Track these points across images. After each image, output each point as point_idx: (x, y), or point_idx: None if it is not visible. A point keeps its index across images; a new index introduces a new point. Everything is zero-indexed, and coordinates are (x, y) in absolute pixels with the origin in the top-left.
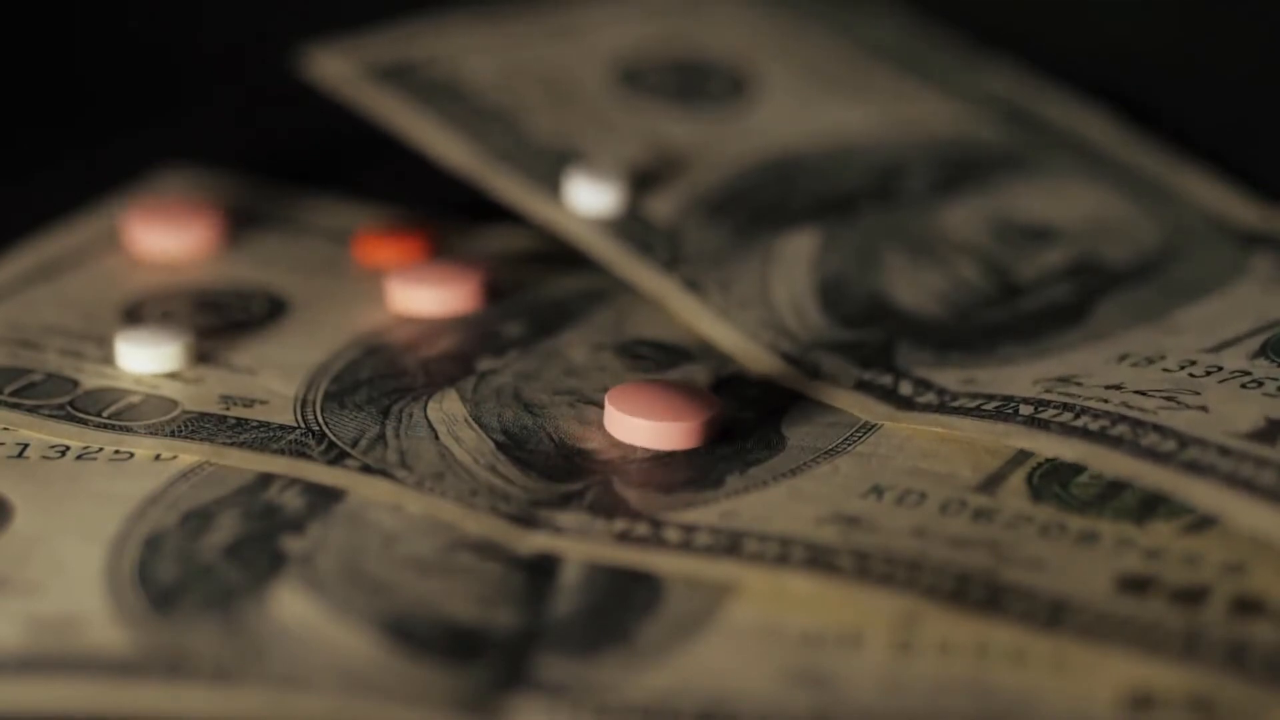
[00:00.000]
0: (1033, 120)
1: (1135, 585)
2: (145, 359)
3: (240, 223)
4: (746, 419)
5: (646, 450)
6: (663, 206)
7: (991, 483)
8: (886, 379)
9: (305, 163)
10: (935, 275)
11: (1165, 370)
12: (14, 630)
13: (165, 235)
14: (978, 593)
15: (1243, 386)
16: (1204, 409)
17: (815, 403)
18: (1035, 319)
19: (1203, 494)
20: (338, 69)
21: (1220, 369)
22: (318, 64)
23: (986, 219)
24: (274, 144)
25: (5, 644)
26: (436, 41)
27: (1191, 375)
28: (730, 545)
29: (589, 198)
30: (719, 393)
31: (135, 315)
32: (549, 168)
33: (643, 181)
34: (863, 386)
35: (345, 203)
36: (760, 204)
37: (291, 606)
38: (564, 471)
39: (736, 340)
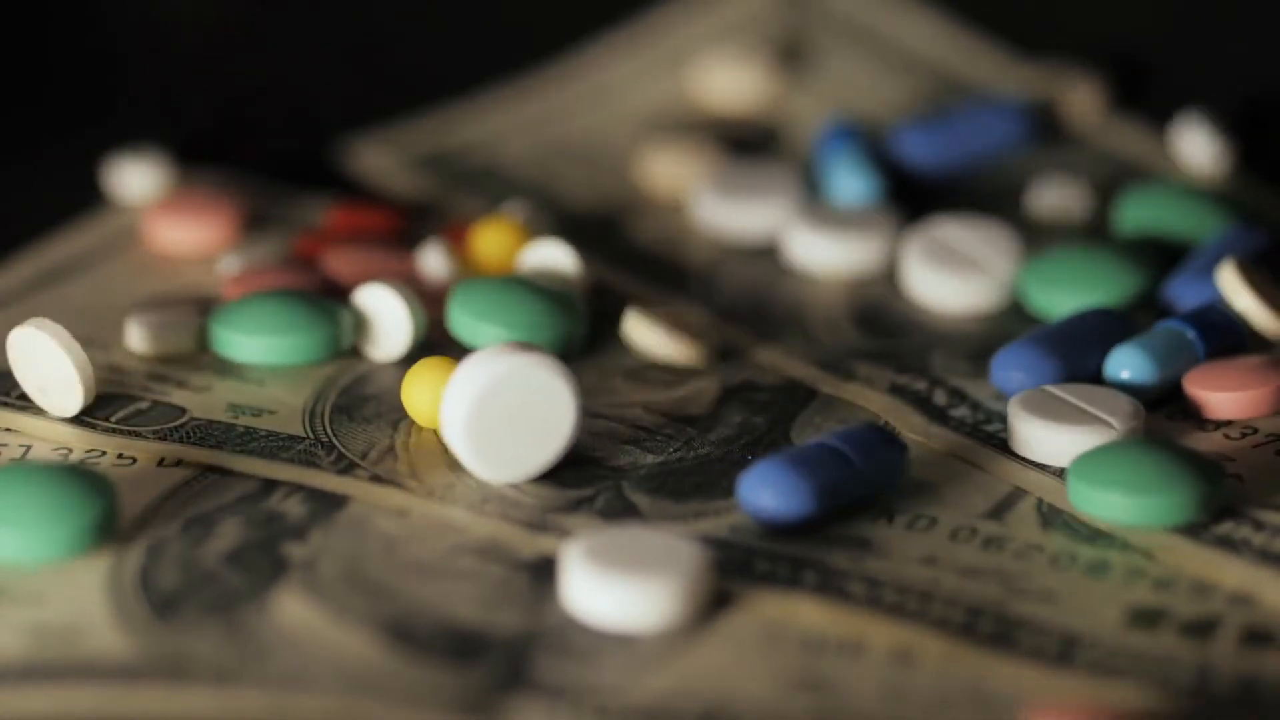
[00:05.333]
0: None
1: (1146, 618)
2: (153, 339)
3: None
4: (756, 425)
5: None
6: None
7: (1001, 509)
8: (921, 385)
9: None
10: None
11: None
12: (16, 639)
13: (188, 228)
14: (988, 626)
15: None
16: None
17: (824, 410)
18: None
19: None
20: (380, 162)
21: None
22: (360, 157)
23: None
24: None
25: (8, 652)
26: (472, 129)
27: None
28: (742, 564)
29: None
30: (727, 401)
31: None
32: None
33: None
34: (897, 391)
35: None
36: None
37: (293, 610)
38: (575, 478)
39: (768, 348)
